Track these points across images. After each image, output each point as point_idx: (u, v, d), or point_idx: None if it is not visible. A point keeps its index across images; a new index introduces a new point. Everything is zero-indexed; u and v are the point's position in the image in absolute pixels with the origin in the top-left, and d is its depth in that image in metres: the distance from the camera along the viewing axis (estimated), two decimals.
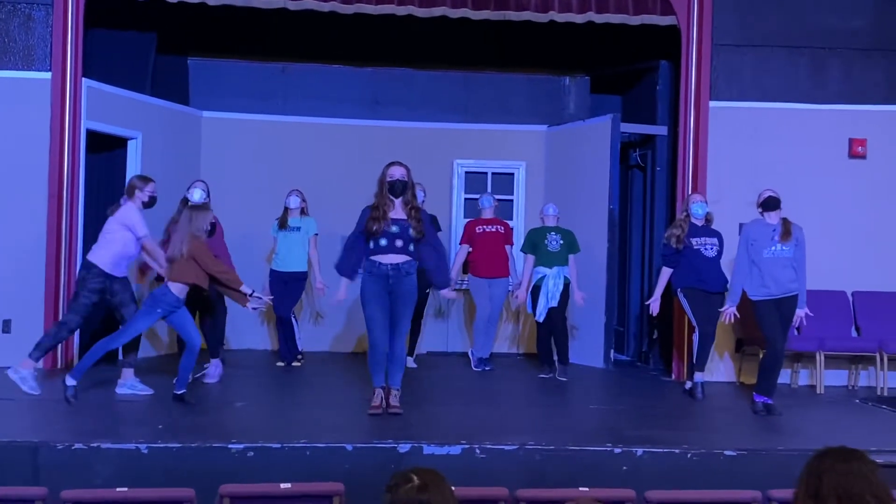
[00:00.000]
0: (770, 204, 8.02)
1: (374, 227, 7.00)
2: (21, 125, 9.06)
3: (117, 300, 7.86)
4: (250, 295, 7.64)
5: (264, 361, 10.07)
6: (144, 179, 8.05)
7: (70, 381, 7.33)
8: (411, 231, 7.02)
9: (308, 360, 9.92)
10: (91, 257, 7.85)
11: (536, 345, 9.73)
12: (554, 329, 9.37)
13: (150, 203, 7.98)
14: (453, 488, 3.05)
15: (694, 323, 8.55)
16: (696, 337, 8.58)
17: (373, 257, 7.07)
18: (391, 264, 7.01)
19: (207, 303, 8.58)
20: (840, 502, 3.03)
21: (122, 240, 7.82)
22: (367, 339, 10.41)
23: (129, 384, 7.85)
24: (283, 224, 9.63)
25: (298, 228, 9.62)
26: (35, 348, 7.85)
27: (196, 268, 7.43)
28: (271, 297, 8.41)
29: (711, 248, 8.54)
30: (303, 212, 9.73)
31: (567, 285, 9.41)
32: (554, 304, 9.31)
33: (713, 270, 8.52)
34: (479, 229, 9.96)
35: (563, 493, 4.54)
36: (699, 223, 8.63)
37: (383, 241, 6.99)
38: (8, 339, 9.01)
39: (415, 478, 2.98)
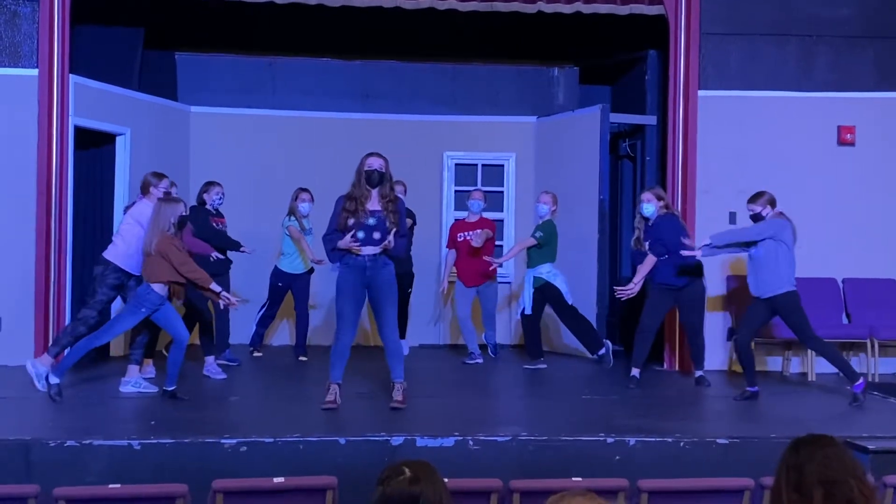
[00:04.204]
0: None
1: (351, 222, 6.97)
2: (8, 122, 9.01)
3: (130, 295, 7.87)
4: (219, 294, 7.61)
5: (267, 356, 10.05)
6: (158, 176, 8.09)
7: (53, 379, 7.30)
8: (388, 224, 6.98)
9: (291, 353, 9.95)
10: (107, 254, 7.91)
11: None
12: (524, 329, 9.54)
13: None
14: (446, 480, 3.05)
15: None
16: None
17: None
18: (369, 255, 6.98)
19: (193, 309, 8.58)
20: (824, 489, 3.05)
21: (136, 236, 7.82)
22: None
23: (133, 382, 7.82)
24: (301, 227, 9.63)
25: (311, 231, 9.65)
26: (53, 344, 7.95)
27: (168, 264, 7.40)
28: (239, 300, 8.33)
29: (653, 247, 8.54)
30: None
31: (539, 288, 9.39)
32: (527, 310, 9.39)
33: (664, 267, 8.48)
34: (460, 236, 9.95)
35: (557, 483, 4.53)
36: (653, 221, 8.60)
37: (361, 234, 6.95)
38: None
39: (406, 470, 2.97)
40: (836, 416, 7.49)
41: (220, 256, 9.03)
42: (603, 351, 9.49)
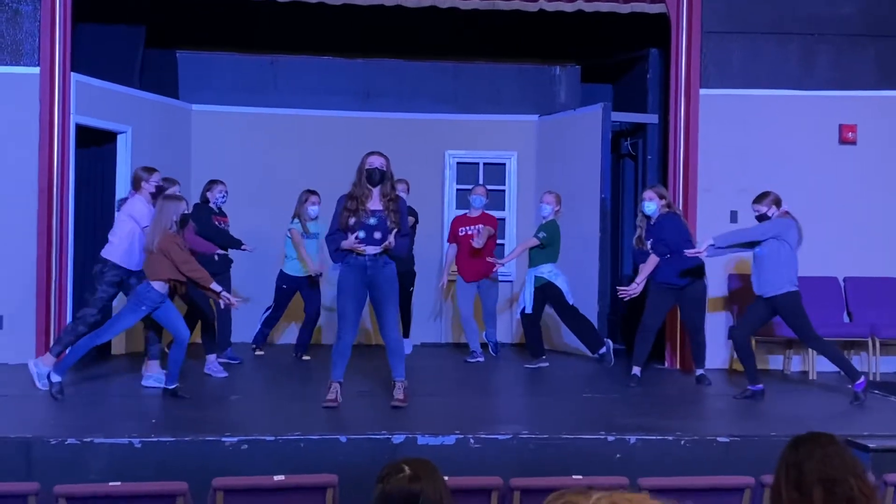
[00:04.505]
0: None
1: (352, 221, 6.98)
2: (10, 120, 9.02)
3: (132, 292, 7.87)
4: (219, 293, 7.61)
5: (269, 354, 10.05)
6: (148, 170, 8.09)
7: (55, 378, 7.30)
8: (389, 223, 7.00)
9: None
10: (104, 253, 7.93)
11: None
12: (524, 328, 9.56)
13: (157, 193, 7.99)
14: (447, 478, 3.05)
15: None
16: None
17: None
18: (369, 255, 6.99)
19: (195, 307, 8.58)
20: (824, 487, 3.05)
21: (130, 232, 7.83)
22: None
23: (154, 377, 7.84)
24: (305, 231, 9.55)
25: (317, 235, 9.59)
26: (55, 343, 7.97)
27: (170, 262, 7.39)
28: (239, 300, 8.32)
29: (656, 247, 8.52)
30: None
31: (540, 287, 9.38)
32: (528, 309, 9.39)
33: (665, 267, 8.47)
34: (462, 231, 9.91)
35: (557, 481, 4.54)
36: (655, 220, 8.59)
37: (362, 234, 6.96)
38: (0, 334, 8.98)
39: (406, 468, 2.97)
40: (837, 414, 7.50)
41: (224, 253, 9.03)
42: (604, 350, 9.49)
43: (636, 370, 8.53)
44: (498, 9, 9.68)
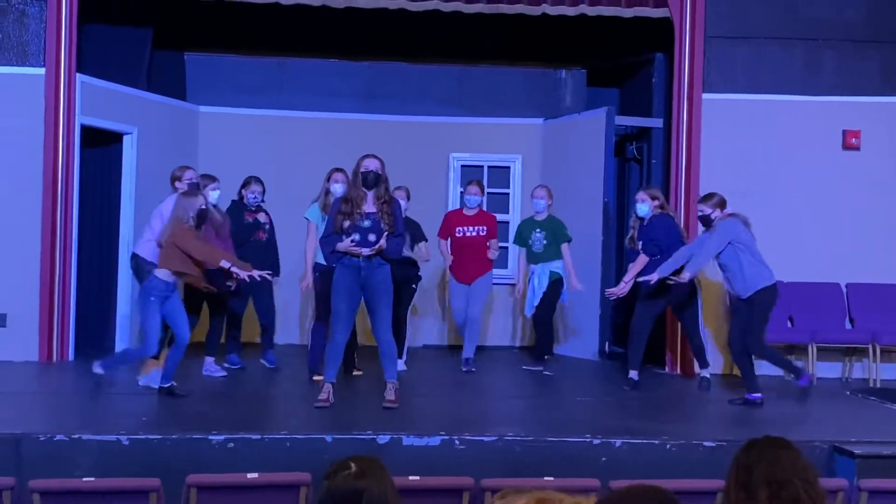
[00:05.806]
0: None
1: (346, 224, 7.02)
2: (15, 121, 9.11)
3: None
4: (229, 269, 7.60)
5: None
6: (182, 169, 8.30)
7: (97, 370, 7.44)
8: (383, 225, 7.02)
9: (295, 352, 9.94)
10: (136, 249, 8.14)
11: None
12: (535, 324, 9.45)
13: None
14: (418, 478, 3.08)
15: None
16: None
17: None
18: (363, 257, 7.03)
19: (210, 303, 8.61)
20: (770, 489, 3.07)
21: (155, 230, 7.91)
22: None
23: (152, 376, 7.88)
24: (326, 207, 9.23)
25: None
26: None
27: (181, 254, 7.39)
28: (248, 274, 8.20)
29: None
30: None
31: (554, 281, 9.35)
32: (536, 301, 9.34)
33: (653, 267, 8.39)
34: (459, 231, 9.53)
35: (529, 482, 4.54)
36: (647, 220, 8.58)
37: (356, 237, 6.99)
38: (3, 332, 9.06)
39: (353, 465, 2.99)
40: (829, 419, 7.46)
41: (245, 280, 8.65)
42: (541, 366, 9.29)
43: (633, 373, 8.52)
44: (501, 12, 9.70)
